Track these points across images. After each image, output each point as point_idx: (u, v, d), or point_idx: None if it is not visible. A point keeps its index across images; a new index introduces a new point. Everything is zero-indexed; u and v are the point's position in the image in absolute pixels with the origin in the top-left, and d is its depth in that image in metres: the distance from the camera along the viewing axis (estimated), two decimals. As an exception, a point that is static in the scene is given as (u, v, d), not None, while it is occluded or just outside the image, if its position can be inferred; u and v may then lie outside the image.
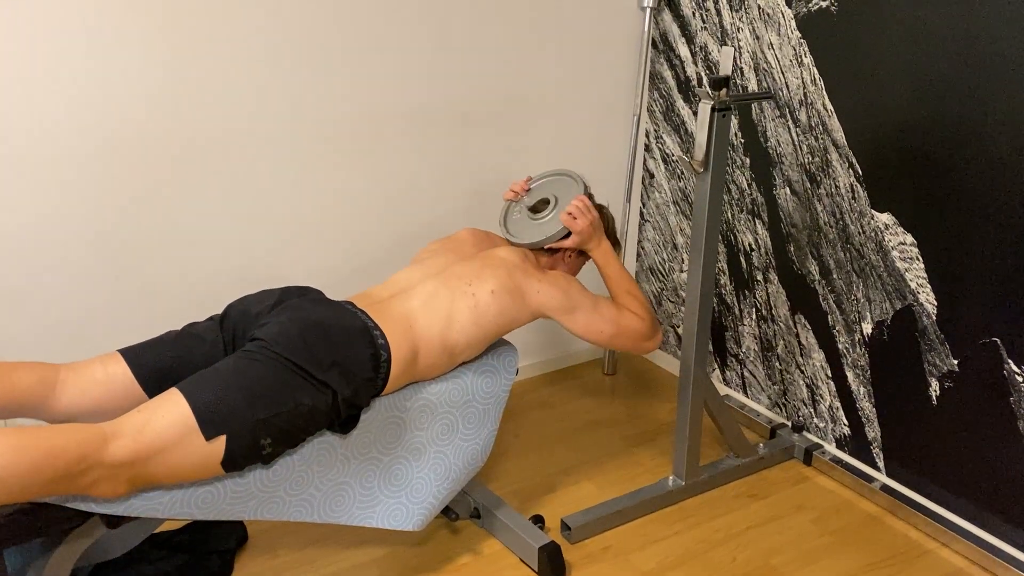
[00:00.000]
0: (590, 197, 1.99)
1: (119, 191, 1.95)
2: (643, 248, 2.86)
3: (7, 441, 1.23)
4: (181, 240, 2.06)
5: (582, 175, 2.08)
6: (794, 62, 2.20)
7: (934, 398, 2.03)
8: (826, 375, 2.30)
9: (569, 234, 1.96)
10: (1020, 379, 1.85)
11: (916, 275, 2.02)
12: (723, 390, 2.66)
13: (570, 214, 1.94)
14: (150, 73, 1.91)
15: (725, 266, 2.55)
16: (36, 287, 1.92)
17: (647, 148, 2.75)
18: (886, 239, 2.07)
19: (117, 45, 1.85)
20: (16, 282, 1.90)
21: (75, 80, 1.83)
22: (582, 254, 2.06)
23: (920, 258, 2.00)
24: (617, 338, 1.91)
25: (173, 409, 1.40)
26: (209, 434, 1.41)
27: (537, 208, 2.02)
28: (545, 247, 2.00)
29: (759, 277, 2.45)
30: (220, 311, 1.74)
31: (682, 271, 2.73)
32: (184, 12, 1.90)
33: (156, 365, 1.59)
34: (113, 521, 1.48)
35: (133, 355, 1.59)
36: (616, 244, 2.08)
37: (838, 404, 2.28)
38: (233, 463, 1.46)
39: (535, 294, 1.84)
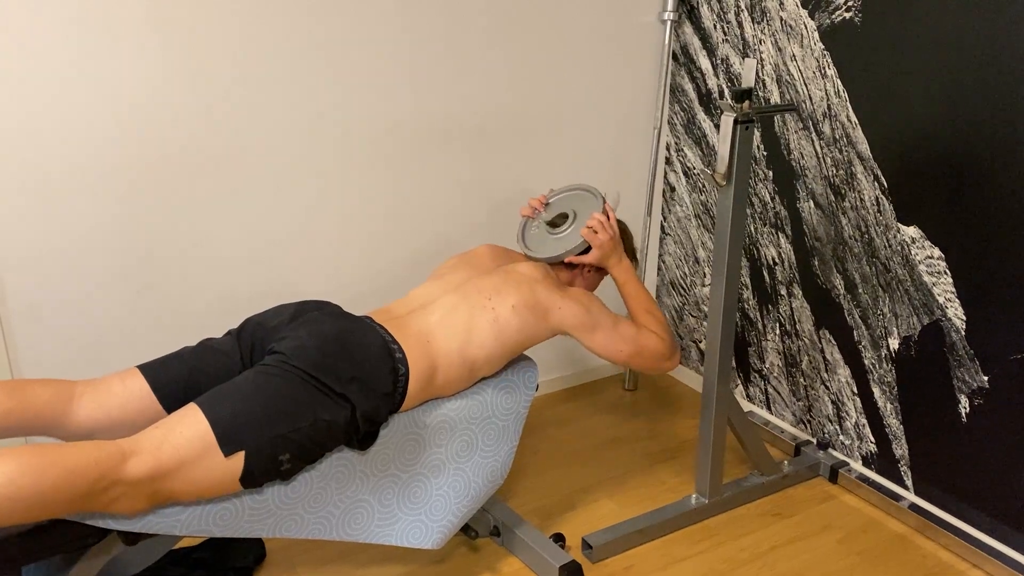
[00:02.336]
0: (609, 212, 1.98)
1: (137, 208, 1.96)
2: (664, 262, 2.84)
3: (27, 460, 1.23)
4: (199, 257, 2.07)
5: (602, 190, 2.06)
6: (817, 74, 2.18)
7: (964, 415, 1.99)
8: (852, 391, 2.26)
9: (589, 248, 1.94)
10: (1053, 396, 1.81)
11: (944, 289, 1.98)
12: (747, 406, 2.62)
13: (590, 228, 1.92)
14: (168, 91, 1.91)
15: (748, 280, 2.52)
16: (56, 303, 1.93)
17: (668, 161, 2.73)
18: (913, 253, 2.04)
19: (141, 63, 1.86)
20: (36, 298, 1.91)
21: (93, 96, 1.84)
22: (600, 270, 2.03)
23: (948, 272, 1.97)
24: (636, 357, 1.89)
25: (192, 425, 1.40)
26: (228, 450, 1.40)
27: (555, 223, 2.00)
28: (564, 261, 1.98)
29: (783, 291, 2.41)
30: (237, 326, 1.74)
31: (704, 285, 2.70)
32: (205, 32, 1.91)
33: (174, 379, 1.59)
34: (131, 538, 1.47)
35: (151, 370, 1.59)
36: (634, 260, 2.05)
37: (864, 421, 2.24)
38: (251, 479, 1.45)
39: (556, 310, 1.82)
